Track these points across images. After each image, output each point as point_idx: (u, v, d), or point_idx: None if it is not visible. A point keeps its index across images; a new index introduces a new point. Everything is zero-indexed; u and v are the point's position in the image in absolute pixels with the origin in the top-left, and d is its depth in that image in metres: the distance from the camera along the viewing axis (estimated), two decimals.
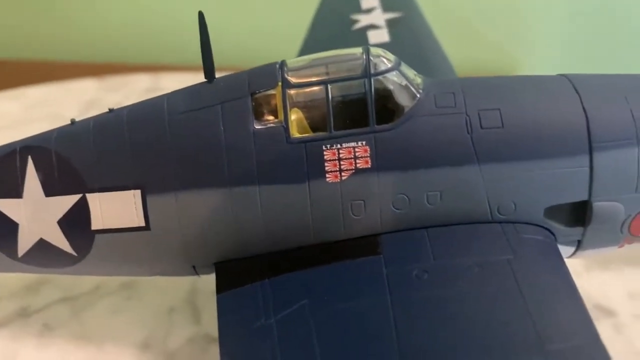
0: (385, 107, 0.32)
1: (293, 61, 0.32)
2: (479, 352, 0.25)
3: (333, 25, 0.59)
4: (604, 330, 0.44)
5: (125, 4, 0.90)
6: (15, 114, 0.67)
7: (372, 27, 0.57)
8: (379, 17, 0.58)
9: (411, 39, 0.54)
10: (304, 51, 0.58)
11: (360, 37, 0.56)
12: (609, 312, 0.47)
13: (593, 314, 0.44)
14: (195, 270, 0.34)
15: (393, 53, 0.53)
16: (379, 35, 0.57)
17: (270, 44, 0.63)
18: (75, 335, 0.40)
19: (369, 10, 0.60)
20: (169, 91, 0.34)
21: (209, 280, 0.37)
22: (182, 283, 0.43)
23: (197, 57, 0.37)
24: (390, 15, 0.58)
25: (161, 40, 0.92)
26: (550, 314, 0.26)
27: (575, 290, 0.28)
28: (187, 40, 0.88)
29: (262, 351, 0.27)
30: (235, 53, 0.88)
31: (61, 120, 0.37)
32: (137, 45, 0.90)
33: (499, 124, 0.30)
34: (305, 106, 0.33)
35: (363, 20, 0.58)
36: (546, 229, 0.31)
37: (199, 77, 0.36)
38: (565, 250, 0.33)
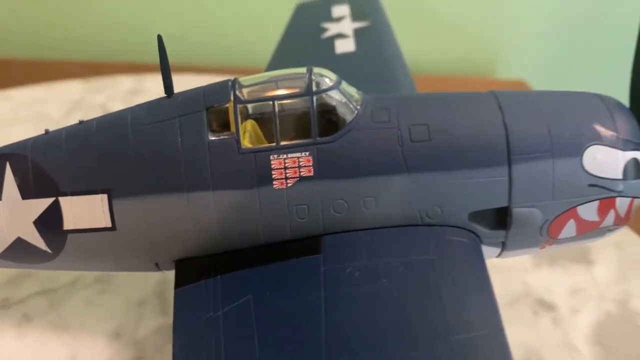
0: (328, 120, 0.35)
1: (245, 79, 0.35)
2: (393, 340, 0.28)
3: (304, 33, 0.62)
4: (543, 323, 0.48)
5: (110, 3, 0.92)
6: (2, 114, 0.69)
7: (340, 36, 0.60)
8: (348, 26, 0.60)
9: (375, 49, 0.56)
10: (275, 56, 0.60)
11: (328, 46, 0.58)
12: (549, 307, 0.50)
13: (533, 308, 0.48)
14: (158, 267, 0.37)
15: (357, 62, 0.57)
16: (346, 44, 0.59)
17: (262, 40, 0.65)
18: (52, 325, 0.43)
19: (338, 19, 0.62)
20: (151, 92, 0.37)
21: None
22: (152, 277, 0.46)
23: (179, 57, 0.39)
24: (358, 24, 0.60)
25: (145, 40, 0.95)
26: (461, 308, 0.29)
27: (489, 287, 0.31)
28: (170, 40, 0.91)
29: (208, 341, 0.30)
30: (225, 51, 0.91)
31: (47, 120, 0.40)
32: (121, 45, 0.93)
33: (427, 137, 0.33)
34: (259, 118, 0.37)
35: (332, 29, 0.60)
36: (471, 231, 0.34)
37: (181, 78, 0.39)
38: (491, 251, 0.36)
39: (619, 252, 0.56)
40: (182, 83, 0.37)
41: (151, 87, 0.73)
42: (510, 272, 0.52)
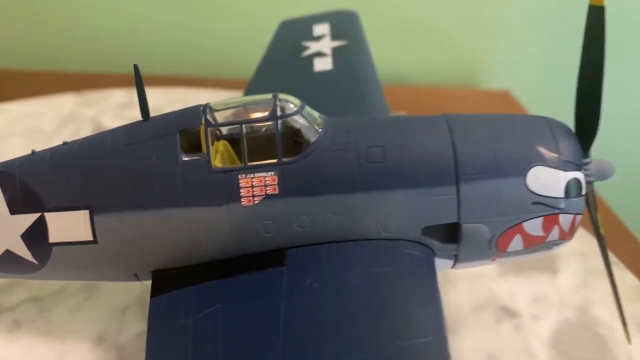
0: (293, 142, 0.38)
1: (216, 103, 0.38)
2: (344, 346, 0.31)
3: (286, 50, 0.64)
4: (505, 329, 0.50)
5: (103, 16, 0.95)
6: None
7: (319, 54, 0.62)
8: (327, 45, 0.62)
9: (351, 67, 0.59)
10: (257, 73, 0.62)
11: (307, 64, 0.62)
12: (512, 314, 0.53)
13: (497, 315, 0.51)
14: (137, 277, 0.40)
15: (332, 82, 0.59)
16: (324, 63, 0.61)
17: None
18: (40, 330, 0.46)
19: (319, 38, 0.65)
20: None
21: None
22: (135, 286, 0.49)
23: (170, 69, 0.41)
24: (337, 43, 0.62)
25: (138, 52, 0.98)
26: (409, 317, 0.32)
27: (437, 297, 0.34)
28: (162, 53, 0.94)
29: (178, 347, 0.33)
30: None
31: (40, 134, 0.43)
32: (115, 57, 0.96)
33: (382, 159, 0.36)
34: (232, 139, 0.39)
35: (312, 47, 0.63)
36: (425, 245, 0.37)
37: (170, 92, 0.41)
38: (445, 263, 0.39)
39: (583, 261, 0.59)
40: (173, 97, 0.40)
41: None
42: (476, 280, 0.55)
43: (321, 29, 0.66)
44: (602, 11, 0.34)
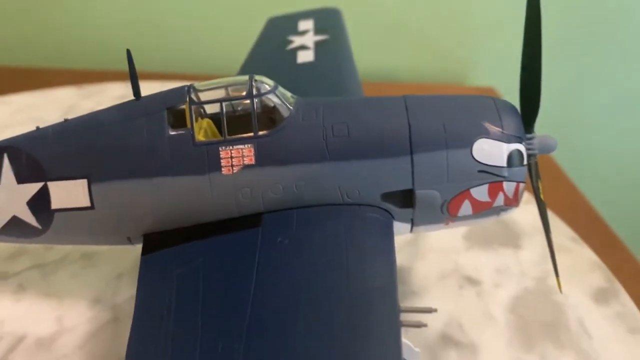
0: (268, 118, 0.42)
1: (200, 84, 0.42)
2: (307, 293, 0.35)
3: (272, 44, 0.68)
4: (467, 295, 0.55)
5: (101, 16, 1.00)
6: (2, 118, 0.76)
7: (303, 47, 0.67)
8: (310, 39, 0.66)
9: (331, 59, 0.63)
10: (245, 64, 0.66)
11: (291, 56, 0.66)
12: (475, 282, 0.57)
13: (460, 283, 0.55)
14: (130, 240, 0.45)
15: (313, 72, 0.64)
16: (306, 55, 0.65)
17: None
18: (43, 293, 0.51)
19: (303, 33, 0.69)
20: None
21: None
22: (130, 255, 0.54)
23: (164, 66, 0.46)
24: (319, 37, 0.66)
25: (133, 50, 1.03)
26: (364, 268, 0.37)
27: (392, 253, 0.38)
28: (156, 50, 0.98)
29: (162, 298, 0.37)
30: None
31: (42, 123, 0.47)
32: (111, 54, 1.01)
33: (346, 133, 0.41)
34: (213, 119, 0.44)
35: (297, 41, 0.67)
36: (385, 209, 0.42)
37: (165, 85, 0.46)
38: (404, 227, 0.43)
39: (544, 238, 0.63)
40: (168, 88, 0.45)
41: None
42: (444, 253, 0.59)
43: (306, 24, 0.70)
44: (538, 7, 0.39)
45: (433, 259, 0.58)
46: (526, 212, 0.52)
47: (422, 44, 1.07)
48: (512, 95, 1.03)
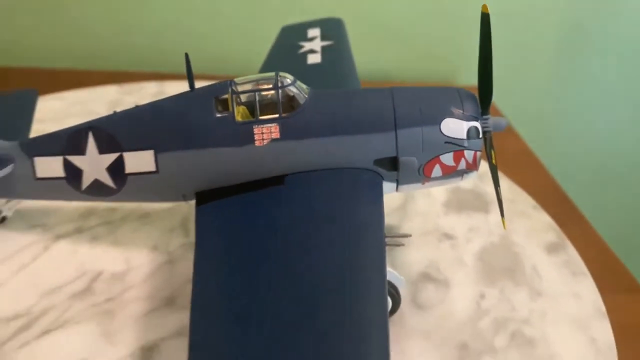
0: (290, 105, 0.56)
1: (239, 79, 0.56)
2: (315, 226, 0.48)
3: (286, 48, 0.78)
4: (444, 247, 0.68)
5: (137, 26, 1.14)
6: (59, 111, 0.88)
7: (311, 51, 0.78)
8: (317, 45, 0.77)
9: (335, 61, 0.75)
10: (265, 63, 0.76)
11: (302, 58, 0.77)
12: (451, 237, 0.68)
13: (439, 238, 0.69)
14: (184, 198, 0.58)
15: (320, 71, 0.77)
16: (315, 58, 0.75)
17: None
18: (112, 243, 0.62)
19: (311, 39, 0.79)
20: (171, 94, 0.58)
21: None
22: (178, 214, 0.68)
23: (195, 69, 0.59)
24: (325, 43, 0.77)
25: (165, 55, 1.17)
26: (359, 209, 0.50)
27: (381, 201, 0.51)
28: (180, 55, 1.12)
29: (214, 234, 0.50)
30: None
31: (93, 114, 0.60)
32: (147, 58, 1.15)
33: (348, 115, 0.53)
34: (247, 106, 0.58)
35: (306, 46, 0.77)
36: (377, 172, 0.55)
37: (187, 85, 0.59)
38: (391, 186, 0.56)
39: (511, 205, 0.77)
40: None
41: (170, 91, 0.94)
42: (426, 216, 0.72)
43: (313, 32, 0.82)
44: (487, 16, 0.53)
45: (418, 221, 0.71)
46: (491, 189, 0.66)
47: (414, 47, 1.19)
48: (497, 94, 1.17)
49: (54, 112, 0.87)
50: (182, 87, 0.56)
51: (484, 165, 0.57)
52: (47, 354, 0.50)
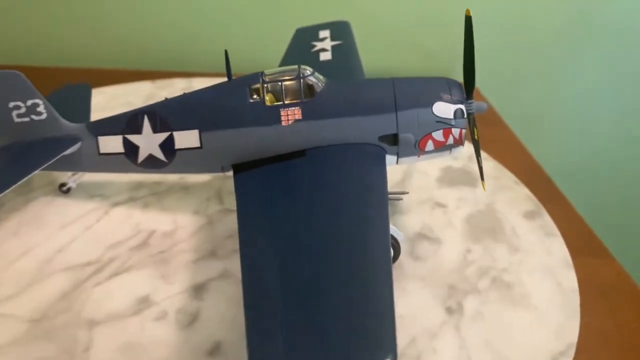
0: (310, 92, 0.68)
1: (268, 71, 0.68)
2: (330, 188, 0.60)
3: (300, 48, 0.90)
4: (437, 213, 0.79)
5: (168, 29, 1.27)
6: (102, 104, 0.98)
7: (323, 50, 0.91)
8: (328, 44, 0.88)
9: (343, 58, 0.87)
10: (283, 60, 0.87)
11: (315, 56, 0.89)
12: (443, 205, 0.80)
13: (432, 206, 0.81)
14: (223, 169, 0.70)
15: (331, 67, 0.90)
16: (326, 55, 0.88)
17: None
18: (160, 208, 0.73)
19: (322, 39, 0.90)
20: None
21: (227, 183, 0.74)
22: (212, 187, 0.80)
23: (213, 67, 0.70)
24: (335, 42, 0.88)
25: (193, 56, 1.29)
26: (365, 176, 0.61)
27: (384, 169, 0.63)
28: (210, 54, 1.25)
29: (251, 196, 0.62)
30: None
31: (132, 106, 0.71)
32: (175, 58, 1.28)
33: (357, 99, 0.66)
34: (274, 92, 0.70)
35: (318, 45, 0.87)
36: (380, 146, 0.68)
37: (215, 80, 0.72)
38: (392, 158, 0.68)
39: (495, 181, 0.89)
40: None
41: (197, 85, 1.04)
42: (422, 189, 0.84)
43: (324, 33, 0.93)
44: (470, 18, 0.65)
45: (415, 193, 0.83)
46: (483, 166, 0.79)
47: (411, 47, 1.31)
48: (489, 90, 1.34)
49: (96, 104, 0.98)
50: (205, 82, 0.68)
51: (472, 148, 0.69)
52: (117, 291, 0.62)
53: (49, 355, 0.54)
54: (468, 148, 0.81)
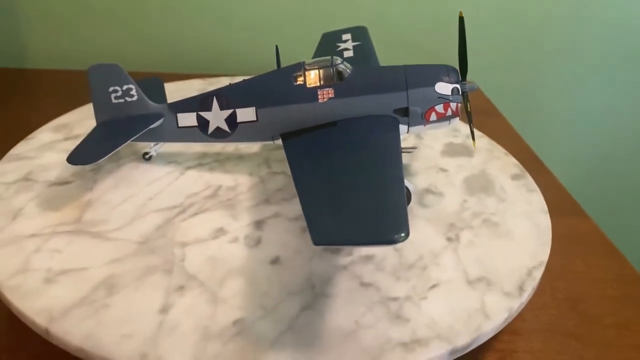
0: (340, 76, 0.89)
1: (308, 61, 0.89)
2: (357, 143, 0.81)
3: (327, 47, 1.10)
4: (440, 176, 1.00)
5: (209, 38, 1.49)
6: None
7: (346, 49, 1.12)
8: (350, 45, 1.07)
9: (363, 55, 1.09)
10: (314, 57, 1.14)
11: (339, 54, 1.12)
12: (445, 170, 1.00)
13: (437, 170, 1.01)
14: (272, 138, 0.92)
15: (354, 61, 1.11)
16: (349, 53, 1.10)
17: None
18: (223, 171, 0.94)
19: (345, 41, 1.13)
20: None
21: (273, 154, 0.95)
22: (261, 157, 1.01)
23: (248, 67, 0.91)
24: (355, 43, 1.09)
25: (234, 61, 1.51)
26: (383, 135, 0.82)
27: (397, 132, 0.84)
28: (250, 57, 1.47)
29: (298, 152, 0.82)
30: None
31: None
32: (221, 63, 1.50)
33: (377, 81, 0.87)
34: (313, 77, 0.91)
35: (342, 46, 1.08)
36: (395, 118, 0.88)
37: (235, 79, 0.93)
38: (404, 127, 0.88)
39: (489, 153, 1.09)
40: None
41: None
42: (429, 159, 1.04)
43: (346, 36, 1.13)
44: (462, 19, 0.86)
45: (423, 161, 1.03)
46: (479, 142, 0.99)
47: (415, 51, 1.53)
48: (493, 92, 1.58)
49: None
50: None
51: (463, 133, 0.89)
52: (199, 224, 0.83)
53: (156, 263, 0.74)
54: (462, 128, 1.03)
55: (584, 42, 1.59)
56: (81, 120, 1.06)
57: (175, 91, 1.21)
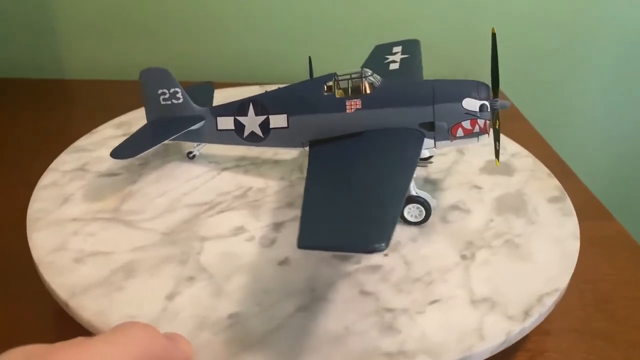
0: (371, 87, 0.91)
1: (339, 72, 0.92)
2: (379, 153, 0.83)
3: (376, 59, 1.12)
4: (473, 193, 0.98)
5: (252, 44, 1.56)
6: (220, 99, 1.33)
7: (393, 62, 1.15)
8: (398, 57, 1.11)
9: (407, 69, 1.09)
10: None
11: (386, 66, 1.13)
12: (479, 188, 0.98)
13: (470, 187, 1.00)
14: (302, 145, 0.93)
15: (397, 74, 1.12)
16: (394, 66, 1.11)
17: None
18: (257, 174, 0.99)
19: (395, 53, 1.16)
20: None
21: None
22: (296, 163, 1.05)
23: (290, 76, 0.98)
24: (404, 56, 1.12)
25: (263, 71, 1.58)
26: (406, 149, 0.83)
27: (420, 146, 0.84)
28: (284, 62, 1.54)
29: (322, 159, 0.85)
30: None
31: None
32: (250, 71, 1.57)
33: (405, 94, 0.88)
34: (343, 88, 0.93)
35: (390, 58, 1.11)
36: (421, 131, 0.88)
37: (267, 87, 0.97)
38: (430, 142, 0.88)
39: (530, 173, 1.05)
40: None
41: None
42: (465, 174, 1.02)
43: (397, 49, 1.15)
44: (495, 35, 0.85)
45: (458, 176, 1.02)
46: (518, 163, 0.98)
47: (441, 59, 1.53)
48: (514, 93, 1.58)
49: (223, 99, 1.28)
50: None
51: (512, 146, 0.88)
52: (222, 221, 0.87)
53: (174, 253, 0.80)
54: (509, 146, 1.02)
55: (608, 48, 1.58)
56: (141, 119, 1.15)
57: (235, 95, 1.28)
